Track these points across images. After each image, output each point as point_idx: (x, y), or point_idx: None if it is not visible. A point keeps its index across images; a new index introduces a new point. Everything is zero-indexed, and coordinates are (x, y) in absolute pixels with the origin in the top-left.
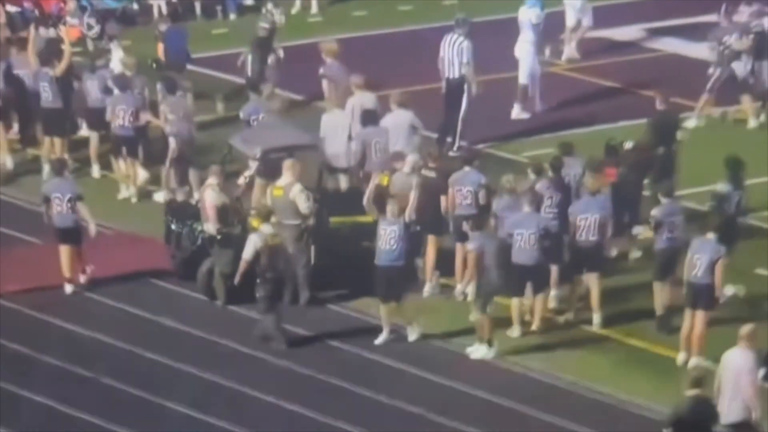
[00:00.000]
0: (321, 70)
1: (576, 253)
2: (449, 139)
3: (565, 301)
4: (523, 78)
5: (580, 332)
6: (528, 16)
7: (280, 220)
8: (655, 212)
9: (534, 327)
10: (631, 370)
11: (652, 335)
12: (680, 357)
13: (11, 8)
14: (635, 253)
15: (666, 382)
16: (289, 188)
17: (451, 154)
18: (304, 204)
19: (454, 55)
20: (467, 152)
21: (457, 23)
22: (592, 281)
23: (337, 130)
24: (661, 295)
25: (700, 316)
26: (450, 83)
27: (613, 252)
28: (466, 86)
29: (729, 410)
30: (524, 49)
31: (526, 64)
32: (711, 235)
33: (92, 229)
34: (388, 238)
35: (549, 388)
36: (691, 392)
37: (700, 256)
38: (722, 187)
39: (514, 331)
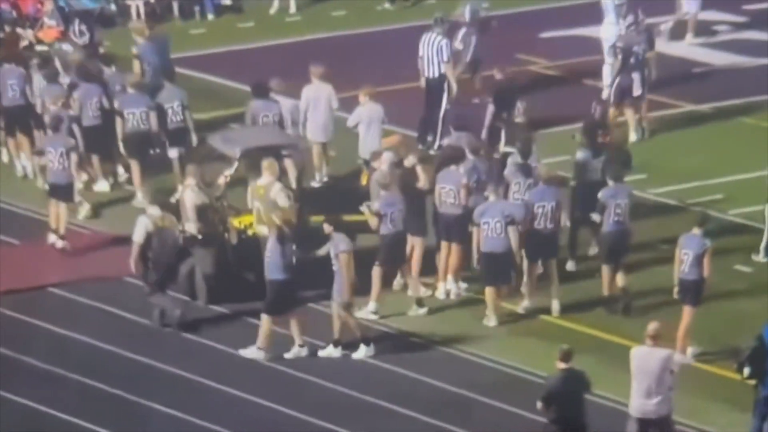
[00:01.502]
0: (134, 50)
1: (533, 240)
2: (430, 138)
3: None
4: (608, 59)
5: (539, 322)
6: None
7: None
8: (600, 194)
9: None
10: (589, 358)
11: (610, 324)
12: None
13: None
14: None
15: (622, 370)
16: (270, 188)
17: (431, 152)
18: (284, 203)
19: (434, 54)
20: (451, 151)
21: (435, 22)
22: (550, 268)
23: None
24: (609, 279)
25: (687, 311)
26: (430, 82)
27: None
28: (445, 85)
29: (653, 407)
30: (608, 30)
31: (610, 45)
32: (697, 230)
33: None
34: (267, 251)
35: (508, 377)
36: (561, 365)
37: (687, 251)
38: (580, 155)
39: (491, 321)
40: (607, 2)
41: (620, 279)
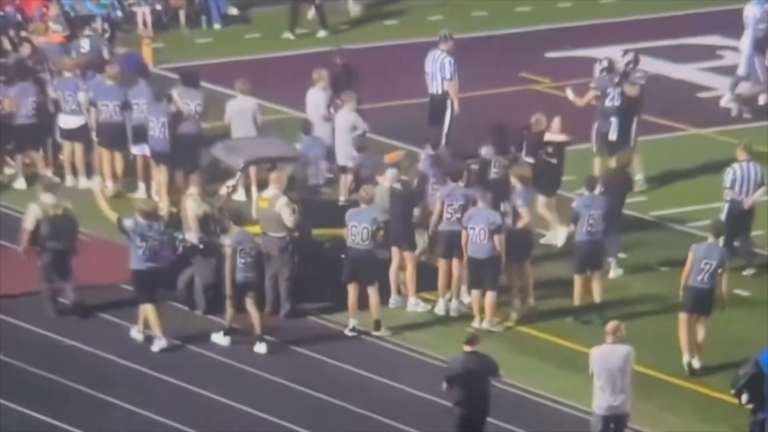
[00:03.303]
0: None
1: (517, 242)
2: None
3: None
4: (740, 70)
5: (511, 330)
6: (753, 11)
7: (265, 231)
8: (574, 204)
9: (484, 324)
10: (552, 366)
11: (574, 332)
12: (685, 359)
13: None
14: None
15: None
16: (275, 200)
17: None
18: (289, 217)
19: (437, 70)
20: (456, 167)
21: (440, 39)
22: (526, 268)
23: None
24: (580, 289)
25: (704, 321)
26: (434, 99)
27: None
28: (449, 102)
29: (621, 403)
30: (744, 43)
31: (744, 57)
32: (714, 240)
33: None
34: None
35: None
36: (467, 348)
37: (709, 261)
38: (486, 152)
39: (476, 322)
40: (748, 15)
41: (596, 289)
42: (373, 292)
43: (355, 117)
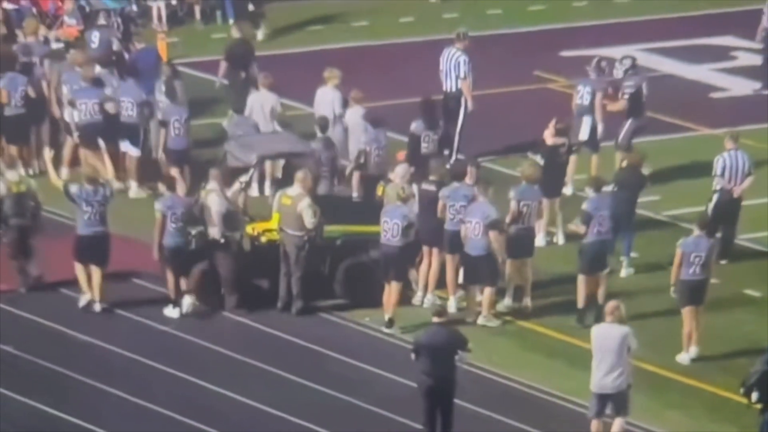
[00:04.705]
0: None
1: (516, 239)
2: (446, 152)
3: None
4: None
5: (520, 327)
6: None
7: (283, 227)
8: (584, 206)
9: (480, 320)
10: (562, 364)
11: (583, 330)
12: (684, 357)
13: (8, 5)
14: None
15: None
16: (298, 200)
17: (447, 167)
18: (310, 219)
19: (451, 68)
20: (458, 167)
21: (456, 37)
22: (526, 267)
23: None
24: (585, 289)
25: (698, 310)
26: (447, 96)
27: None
28: (463, 100)
29: (612, 382)
30: None
31: None
32: (700, 232)
33: None
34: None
35: (476, 379)
36: (435, 320)
37: (699, 254)
38: (415, 127)
39: (480, 319)
40: None
41: (601, 291)
42: (395, 290)
43: (362, 111)
